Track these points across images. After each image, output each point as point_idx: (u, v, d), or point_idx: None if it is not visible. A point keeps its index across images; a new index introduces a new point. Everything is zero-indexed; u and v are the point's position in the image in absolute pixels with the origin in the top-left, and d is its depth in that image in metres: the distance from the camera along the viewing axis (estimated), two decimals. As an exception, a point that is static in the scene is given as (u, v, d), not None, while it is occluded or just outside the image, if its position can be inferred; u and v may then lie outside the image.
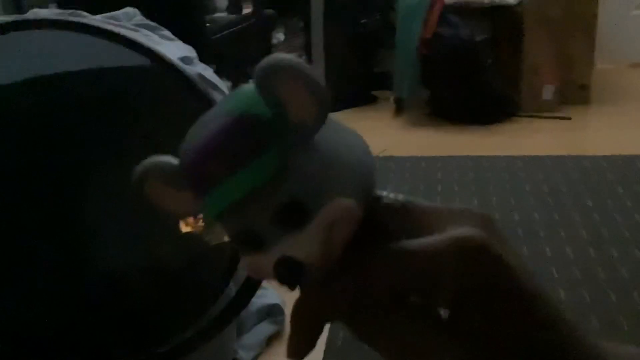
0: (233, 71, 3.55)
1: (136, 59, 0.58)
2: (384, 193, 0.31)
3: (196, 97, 0.49)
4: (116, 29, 0.50)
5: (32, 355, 0.47)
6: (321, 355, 1.53)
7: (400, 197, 0.31)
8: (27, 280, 0.52)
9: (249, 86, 0.28)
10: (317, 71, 3.67)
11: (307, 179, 0.27)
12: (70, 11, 0.75)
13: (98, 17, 0.82)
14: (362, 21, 3.77)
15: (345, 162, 0.28)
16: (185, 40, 1.29)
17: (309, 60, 3.75)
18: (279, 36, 4.16)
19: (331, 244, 0.27)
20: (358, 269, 0.28)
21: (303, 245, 0.27)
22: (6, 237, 0.54)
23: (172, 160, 0.29)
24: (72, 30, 0.50)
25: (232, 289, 0.68)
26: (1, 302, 0.50)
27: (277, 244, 0.27)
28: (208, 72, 1.27)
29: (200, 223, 0.59)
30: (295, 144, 0.27)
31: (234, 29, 3.26)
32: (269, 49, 4.07)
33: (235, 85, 3.77)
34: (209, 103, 0.47)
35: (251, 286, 0.51)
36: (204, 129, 0.28)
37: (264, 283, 1.74)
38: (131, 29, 0.87)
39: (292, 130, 0.27)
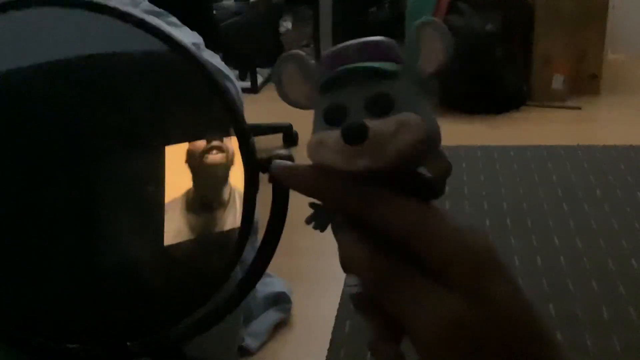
0: (240, 59, 3.54)
1: (143, 44, 0.56)
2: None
3: (209, 85, 0.48)
4: (130, 10, 0.48)
5: (42, 338, 0.46)
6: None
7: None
8: (38, 265, 0.51)
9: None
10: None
11: (404, 91, 0.34)
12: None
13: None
14: (371, 10, 3.75)
15: (429, 110, 0.35)
16: (192, 27, 1.28)
17: (317, 49, 3.73)
18: (287, 24, 4.14)
19: (395, 137, 0.33)
20: (390, 200, 0.33)
21: (376, 125, 0.33)
22: (19, 222, 0.53)
23: (309, 57, 0.37)
24: (82, 9, 0.49)
25: (239, 273, 0.67)
26: (13, 287, 0.50)
27: (356, 119, 0.33)
28: (215, 60, 1.26)
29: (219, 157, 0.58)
30: (413, 76, 0.35)
31: (242, 16, 3.24)
32: (276, 37, 4.05)
33: (243, 73, 3.76)
34: (221, 91, 0.46)
35: (257, 269, 0.50)
36: (354, 39, 0.36)
37: (271, 271, 1.74)
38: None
39: (418, 67, 0.35)
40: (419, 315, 0.32)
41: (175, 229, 0.57)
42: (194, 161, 0.54)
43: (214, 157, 0.54)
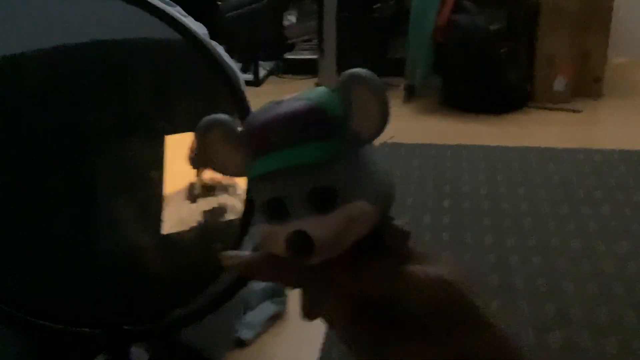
0: (243, 51, 3.53)
1: (150, 31, 0.56)
2: (395, 219, 0.34)
3: (218, 74, 0.48)
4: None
5: (46, 321, 0.46)
6: None
7: (407, 227, 0.34)
8: (42, 249, 0.50)
9: (329, 88, 0.33)
10: (329, 55, 3.65)
11: (347, 175, 0.32)
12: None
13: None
14: (376, 6, 3.74)
15: (377, 176, 0.33)
16: (197, 18, 1.27)
17: (321, 44, 3.72)
18: (291, 18, 4.13)
19: (344, 236, 0.31)
20: (357, 271, 0.32)
21: (322, 226, 0.31)
22: (23, 205, 0.52)
23: (235, 122, 0.34)
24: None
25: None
26: (17, 269, 0.49)
27: (298, 220, 0.31)
28: (220, 51, 1.25)
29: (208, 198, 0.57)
30: (349, 144, 0.32)
31: (246, 8, 3.23)
32: (280, 30, 4.04)
33: (245, 66, 3.75)
34: (229, 81, 0.46)
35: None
36: (278, 106, 0.32)
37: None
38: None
39: (352, 134, 0.32)
40: None
41: (176, 217, 0.56)
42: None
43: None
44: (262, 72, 3.88)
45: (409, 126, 3.16)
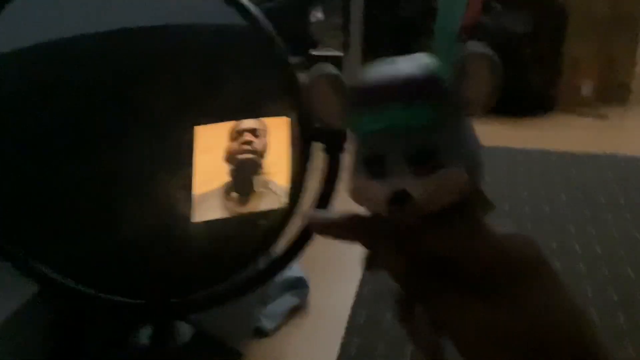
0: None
1: (202, 16, 0.57)
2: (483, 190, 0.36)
3: (275, 58, 0.49)
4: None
5: (95, 289, 0.47)
6: None
7: (490, 198, 0.36)
8: (93, 217, 0.52)
9: (437, 56, 0.34)
10: (354, 52, 3.64)
11: (449, 141, 0.33)
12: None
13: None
14: (402, 6, 3.73)
15: (474, 150, 0.34)
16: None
17: (346, 41, 3.72)
18: (318, 14, 4.13)
19: (439, 199, 0.32)
20: (441, 231, 0.33)
21: (422, 187, 0.32)
22: (85, 180, 0.54)
23: (343, 75, 0.35)
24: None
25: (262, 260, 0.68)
26: (66, 236, 0.51)
27: (398, 179, 0.32)
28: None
29: (241, 208, 0.59)
30: (455, 113, 0.33)
31: (273, 3, 3.24)
32: (306, 26, 4.04)
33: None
34: (285, 64, 0.47)
35: (296, 249, 0.51)
36: (392, 66, 0.33)
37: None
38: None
39: (461, 104, 0.33)
40: (458, 323, 0.34)
41: (216, 207, 0.58)
42: (231, 159, 0.55)
43: (245, 156, 0.55)
44: (286, 67, 3.89)
45: (431, 126, 3.14)
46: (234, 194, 0.58)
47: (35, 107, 0.53)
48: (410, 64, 0.33)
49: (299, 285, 1.75)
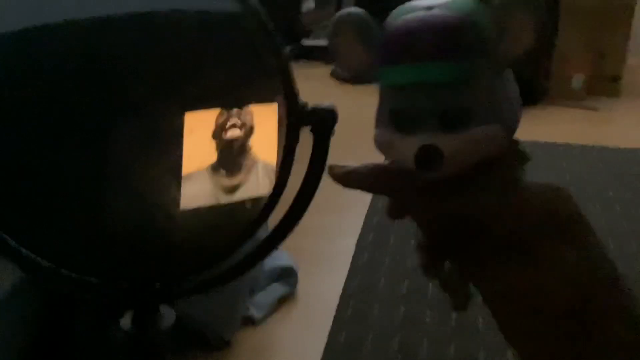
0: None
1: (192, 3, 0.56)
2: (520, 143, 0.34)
3: (266, 40, 0.48)
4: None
5: (78, 274, 0.47)
6: (319, 358, 1.53)
7: (526, 149, 0.34)
8: (72, 198, 0.51)
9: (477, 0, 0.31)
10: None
11: (485, 97, 0.30)
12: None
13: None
14: (395, -4, 3.73)
15: (513, 103, 0.32)
16: None
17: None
18: (309, 4, 4.12)
19: (472, 155, 0.31)
20: (474, 189, 0.32)
21: (453, 144, 0.30)
22: (71, 162, 0.53)
23: (373, 21, 0.32)
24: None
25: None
26: (46, 219, 0.50)
27: (429, 134, 0.30)
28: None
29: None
30: (493, 65, 0.30)
31: (266, -8, 3.23)
32: (297, 15, 4.03)
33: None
34: (275, 44, 0.46)
35: (281, 232, 0.50)
36: (427, 13, 0.30)
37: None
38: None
39: (500, 56, 0.30)
40: (489, 282, 0.33)
41: (202, 191, 0.57)
42: (217, 136, 0.54)
43: (233, 132, 0.54)
44: (277, 57, 3.88)
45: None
46: (222, 171, 0.57)
47: (17, 95, 0.52)
48: (448, 11, 0.30)
49: (288, 275, 1.75)
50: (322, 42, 4.01)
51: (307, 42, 4.09)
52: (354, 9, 0.32)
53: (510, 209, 0.32)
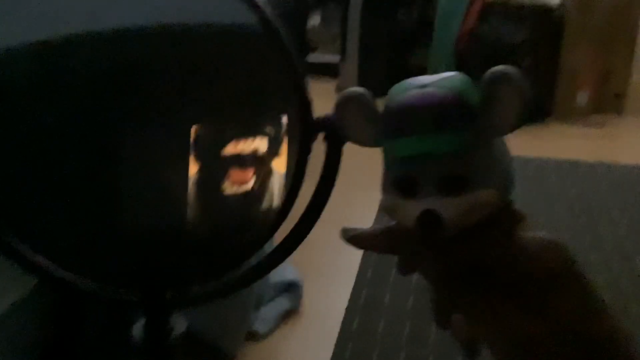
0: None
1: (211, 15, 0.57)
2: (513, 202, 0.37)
3: (281, 51, 0.48)
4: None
5: (89, 279, 0.47)
6: None
7: (521, 209, 0.37)
8: (91, 208, 0.52)
9: (466, 76, 0.34)
10: (351, 59, 3.65)
11: (479, 164, 0.33)
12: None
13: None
14: (400, 15, 3.75)
15: (505, 166, 0.35)
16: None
17: (343, 47, 3.74)
18: (315, 21, 4.15)
19: (469, 218, 0.33)
20: (474, 242, 0.34)
21: (451, 208, 0.33)
22: (77, 164, 0.53)
23: (373, 98, 0.36)
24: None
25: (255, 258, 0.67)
26: (58, 221, 0.50)
27: (429, 199, 0.33)
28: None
29: (249, 186, 0.59)
30: (485, 136, 0.34)
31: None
32: (302, 33, 4.05)
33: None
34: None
35: (291, 243, 0.51)
36: (422, 91, 0.34)
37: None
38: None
39: (490, 127, 0.33)
40: (491, 328, 0.35)
41: (215, 200, 0.57)
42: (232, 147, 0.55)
43: (245, 145, 0.55)
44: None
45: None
46: (235, 182, 0.57)
47: (38, 105, 0.53)
48: (440, 88, 0.34)
49: (293, 289, 1.75)
50: (328, 57, 4.03)
51: (313, 58, 4.11)
52: (356, 89, 0.36)
53: (509, 264, 0.34)
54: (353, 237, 0.37)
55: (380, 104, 0.36)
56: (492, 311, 0.35)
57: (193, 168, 0.56)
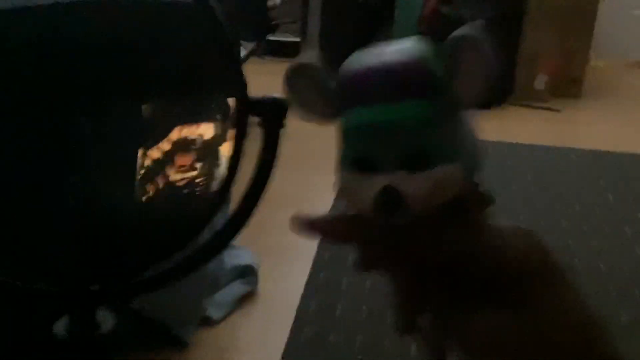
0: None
1: None
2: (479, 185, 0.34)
3: (218, 39, 0.45)
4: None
5: (10, 277, 0.43)
6: (279, 356, 1.51)
7: (489, 191, 0.34)
8: (9, 204, 0.48)
9: (428, 42, 0.31)
10: (312, 39, 3.61)
11: (442, 137, 0.30)
12: None
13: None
14: (362, -8, 3.71)
15: (471, 143, 0.32)
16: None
17: (304, 26, 3.69)
18: (276, 0, 4.08)
19: (432, 197, 0.30)
20: (439, 233, 0.31)
21: (413, 184, 0.30)
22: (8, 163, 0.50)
23: (326, 69, 0.32)
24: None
25: (206, 232, 0.64)
26: None
27: (388, 175, 0.30)
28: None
29: (190, 173, 0.56)
30: (449, 106, 0.30)
31: (231, -15, 3.19)
32: (263, 11, 3.99)
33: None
34: (230, 49, 0.43)
35: (244, 212, 0.48)
36: (379, 55, 0.31)
37: (240, 244, 1.71)
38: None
39: (454, 97, 0.30)
40: (463, 328, 0.32)
41: (153, 182, 0.54)
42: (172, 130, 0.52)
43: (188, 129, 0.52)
44: (242, 52, 3.84)
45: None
46: (176, 163, 0.54)
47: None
48: (400, 55, 0.30)
49: (249, 273, 1.72)
50: (288, 37, 3.99)
51: (273, 37, 4.05)
52: (304, 61, 0.33)
53: (480, 255, 0.31)
54: (305, 225, 0.33)
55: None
56: (464, 310, 0.32)
57: (135, 149, 0.53)
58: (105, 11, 0.51)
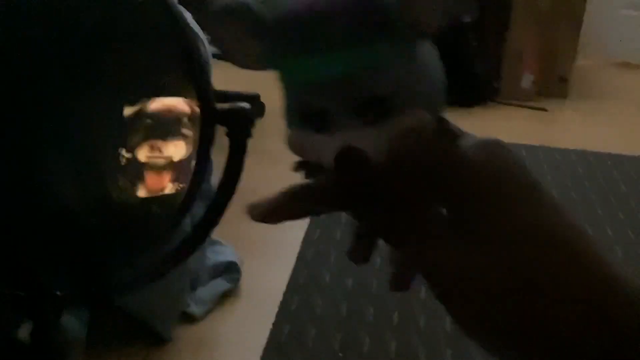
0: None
1: None
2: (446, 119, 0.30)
3: (179, 35, 0.45)
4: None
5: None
6: (260, 353, 1.51)
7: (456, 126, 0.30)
8: None
9: None
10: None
11: (402, 80, 0.26)
12: None
13: None
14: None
15: (432, 80, 0.28)
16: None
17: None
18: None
19: (400, 148, 0.26)
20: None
21: (374, 139, 0.26)
22: None
23: (260, 8, 0.26)
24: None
25: (188, 224, 0.64)
26: None
27: (346, 132, 0.26)
28: (187, 17, 1.22)
29: (164, 190, 0.56)
30: (404, 41, 0.26)
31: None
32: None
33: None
34: (184, 33, 0.43)
35: (208, 223, 0.48)
36: None
37: (222, 239, 1.71)
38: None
39: (409, 28, 0.26)
40: (430, 263, 0.27)
41: (123, 181, 0.54)
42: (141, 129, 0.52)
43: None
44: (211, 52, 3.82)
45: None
46: (146, 164, 0.54)
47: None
48: None
49: (231, 270, 1.73)
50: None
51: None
52: (234, 1, 0.27)
53: (448, 178, 0.27)
54: (263, 215, 0.28)
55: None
56: (430, 239, 0.27)
57: (97, 148, 0.53)
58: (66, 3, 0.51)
